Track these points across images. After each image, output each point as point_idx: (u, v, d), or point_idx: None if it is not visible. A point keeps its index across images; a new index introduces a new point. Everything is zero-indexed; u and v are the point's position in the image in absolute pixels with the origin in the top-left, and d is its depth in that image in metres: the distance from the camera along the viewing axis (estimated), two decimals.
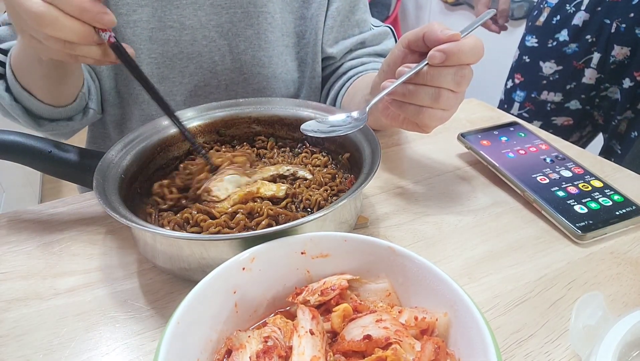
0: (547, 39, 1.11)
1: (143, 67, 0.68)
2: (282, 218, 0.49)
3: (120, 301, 0.45)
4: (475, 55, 0.48)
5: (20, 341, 0.41)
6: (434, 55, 0.47)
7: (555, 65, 1.11)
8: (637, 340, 0.35)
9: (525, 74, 1.17)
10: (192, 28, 0.69)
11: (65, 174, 0.53)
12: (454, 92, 0.50)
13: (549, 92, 1.14)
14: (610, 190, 0.58)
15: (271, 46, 0.74)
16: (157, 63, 0.69)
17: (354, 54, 0.80)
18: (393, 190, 0.61)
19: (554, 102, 1.14)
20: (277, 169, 0.56)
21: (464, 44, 0.47)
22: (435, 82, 0.49)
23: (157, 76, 0.70)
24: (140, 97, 0.72)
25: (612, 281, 0.47)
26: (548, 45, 1.11)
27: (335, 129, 0.52)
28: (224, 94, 0.76)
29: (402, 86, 0.51)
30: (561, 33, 1.09)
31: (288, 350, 0.33)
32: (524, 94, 1.18)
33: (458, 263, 0.49)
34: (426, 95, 0.50)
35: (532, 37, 1.15)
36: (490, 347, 0.29)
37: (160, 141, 0.57)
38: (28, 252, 0.52)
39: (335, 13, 0.76)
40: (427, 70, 0.49)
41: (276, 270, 0.39)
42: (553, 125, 1.16)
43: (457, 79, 0.48)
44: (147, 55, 0.68)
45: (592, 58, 1.06)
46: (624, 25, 0.99)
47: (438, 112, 0.51)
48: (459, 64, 0.48)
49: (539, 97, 1.15)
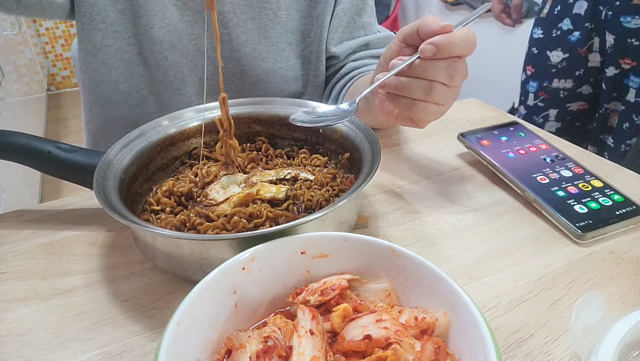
0: (551, 29, 1.15)
1: (154, 30, 0.68)
2: (282, 221, 0.49)
3: (120, 301, 0.45)
4: (467, 47, 0.48)
5: (20, 341, 0.41)
6: (425, 49, 0.47)
7: (562, 53, 1.14)
8: (637, 340, 0.35)
9: (535, 64, 1.21)
10: (194, 10, 0.70)
11: (65, 174, 0.53)
12: (447, 85, 0.49)
13: (559, 80, 1.17)
14: (610, 190, 0.58)
15: (271, 41, 0.75)
16: (169, 30, 0.69)
17: (357, 55, 0.80)
18: (393, 190, 0.61)
19: (565, 89, 1.17)
20: (277, 174, 0.56)
21: (455, 35, 0.47)
22: (428, 75, 0.48)
23: (167, 42, 0.70)
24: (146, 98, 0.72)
25: (612, 281, 0.47)
26: (553, 35, 1.15)
27: (324, 119, 0.52)
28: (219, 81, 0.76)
29: (395, 79, 0.50)
30: (564, 22, 1.12)
31: (288, 350, 0.33)
32: (537, 84, 1.21)
33: (458, 263, 0.49)
34: (418, 88, 0.49)
35: (538, 29, 1.19)
36: (490, 347, 0.29)
37: (160, 141, 0.57)
38: (28, 252, 0.52)
39: (341, 13, 0.76)
40: (419, 63, 0.48)
41: (276, 270, 0.39)
42: (569, 111, 1.19)
43: (449, 72, 0.48)
44: (161, 19, 0.68)
45: (594, 43, 1.10)
46: (611, 13, 1.03)
47: (432, 107, 0.51)
48: (450, 57, 0.48)
49: (550, 86, 1.19)
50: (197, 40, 0.71)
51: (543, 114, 1.23)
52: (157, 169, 0.57)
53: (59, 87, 3.34)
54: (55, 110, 3.09)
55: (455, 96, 0.52)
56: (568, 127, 1.22)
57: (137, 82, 0.72)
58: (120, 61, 0.70)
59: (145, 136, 0.56)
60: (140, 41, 0.69)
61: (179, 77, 0.73)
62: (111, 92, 0.72)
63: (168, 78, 0.72)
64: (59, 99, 3.24)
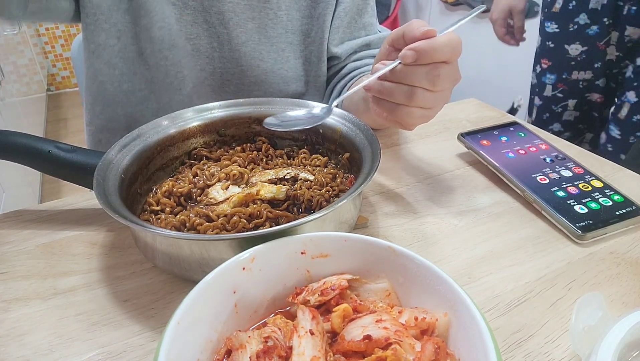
0: (567, 24, 1.18)
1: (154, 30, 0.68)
2: (282, 221, 0.49)
3: (120, 301, 0.45)
4: (450, 52, 0.47)
5: (20, 341, 0.41)
6: (406, 55, 0.47)
7: (580, 46, 1.18)
8: (637, 340, 0.35)
9: (552, 57, 1.24)
10: (194, 9, 0.69)
11: (65, 174, 0.53)
12: (430, 90, 0.49)
13: (579, 72, 1.21)
14: (610, 190, 0.58)
15: (271, 41, 0.74)
16: (170, 30, 0.69)
17: (358, 55, 0.80)
18: (393, 190, 0.61)
19: (585, 80, 1.21)
20: (276, 174, 0.56)
21: (436, 41, 0.46)
22: (409, 80, 0.48)
23: (168, 42, 0.70)
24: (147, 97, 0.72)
25: (612, 281, 0.47)
26: (569, 30, 1.18)
27: (297, 122, 0.52)
28: (218, 82, 0.76)
29: (379, 83, 0.50)
30: (580, 17, 1.15)
31: (288, 350, 0.33)
32: (555, 76, 1.25)
33: (458, 263, 0.49)
34: (400, 93, 0.49)
35: (552, 23, 1.22)
36: (490, 347, 0.29)
37: (160, 141, 0.57)
38: (28, 252, 0.52)
39: (342, 14, 0.76)
40: (401, 68, 0.48)
41: (276, 270, 0.39)
42: (588, 101, 1.24)
43: (430, 77, 0.47)
44: (161, 18, 0.68)
45: (611, 37, 1.13)
46: (635, 8, 1.07)
47: (416, 111, 0.50)
48: (432, 62, 0.47)
49: (570, 77, 1.22)
50: (197, 40, 0.71)
51: (562, 104, 1.27)
52: (157, 169, 0.57)
53: (59, 87, 3.34)
54: (55, 110, 3.09)
55: (444, 99, 0.52)
56: (587, 116, 1.27)
57: (139, 81, 0.72)
58: (123, 60, 0.70)
59: (145, 136, 0.56)
60: (141, 41, 0.69)
61: (180, 77, 0.73)
62: (114, 91, 0.72)
63: (169, 78, 0.72)
64: (59, 99, 3.24)
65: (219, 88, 0.77)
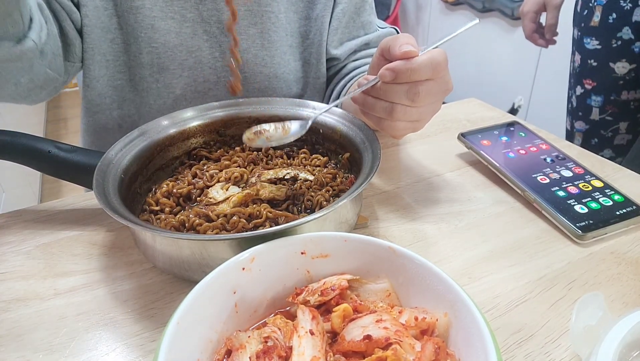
0: (610, 39, 1.06)
1: (143, 55, 0.68)
2: (282, 221, 0.49)
3: (120, 301, 0.45)
4: (429, 72, 0.47)
5: (20, 341, 0.41)
6: (384, 74, 0.48)
7: (628, 64, 1.06)
8: (637, 340, 0.35)
9: (597, 77, 1.12)
10: (193, 21, 0.69)
11: (65, 174, 0.53)
12: (411, 106, 0.49)
13: (629, 92, 1.08)
14: (610, 190, 0.58)
15: (274, 46, 0.74)
16: (158, 52, 0.69)
17: (358, 54, 0.80)
18: (393, 190, 0.61)
19: (636, 100, 1.08)
20: (275, 174, 0.56)
21: (415, 62, 0.46)
22: (389, 98, 0.49)
23: (157, 65, 0.70)
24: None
25: (612, 281, 0.47)
26: (613, 46, 1.06)
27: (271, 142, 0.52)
28: (223, 90, 0.76)
29: (362, 97, 0.52)
30: (623, 31, 1.04)
31: (288, 350, 0.33)
32: (601, 98, 1.12)
33: (458, 263, 0.49)
34: (381, 108, 0.50)
35: (592, 39, 1.09)
36: (491, 347, 0.29)
37: (160, 141, 0.57)
38: (28, 252, 0.52)
39: (340, 14, 0.76)
40: (380, 85, 0.49)
41: (276, 270, 0.39)
42: None
43: (410, 95, 0.48)
44: (148, 43, 0.68)
45: None
46: None
47: (399, 124, 0.51)
48: (411, 81, 0.47)
49: (619, 98, 1.10)
50: (198, 52, 0.71)
51: (613, 128, 1.14)
52: (157, 169, 0.57)
53: None
54: (55, 110, 3.09)
55: (431, 112, 0.52)
56: None
57: (129, 107, 0.72)
58: (113, 88, 0.70)
59: (145, 136, 0.56)
60: (132, 67, 0.69)
61: (172, 97, 0.72)
62: (105, 119, 0.73)
63: (160, 99, 0.72)
64: (59, 99, 3.23)
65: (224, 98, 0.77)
